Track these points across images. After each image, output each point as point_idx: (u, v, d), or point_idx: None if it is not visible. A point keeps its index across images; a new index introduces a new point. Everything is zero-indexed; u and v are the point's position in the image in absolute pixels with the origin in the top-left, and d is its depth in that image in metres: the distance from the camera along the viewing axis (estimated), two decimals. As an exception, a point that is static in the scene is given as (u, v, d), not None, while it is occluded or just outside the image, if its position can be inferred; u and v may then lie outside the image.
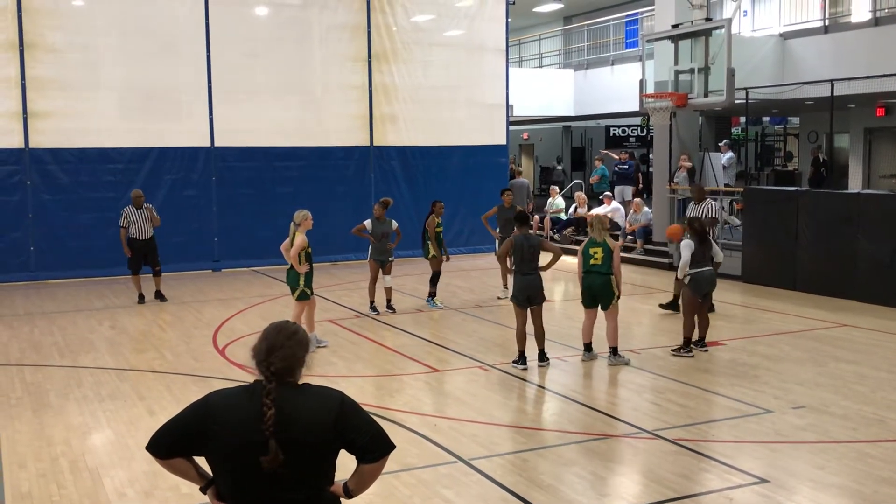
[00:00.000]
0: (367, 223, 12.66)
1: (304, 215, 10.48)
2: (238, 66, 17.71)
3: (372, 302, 12.97)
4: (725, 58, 15.43)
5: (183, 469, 3.35)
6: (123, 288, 14.15)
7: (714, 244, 10.57)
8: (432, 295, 13.53)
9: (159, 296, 14.08)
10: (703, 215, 12.55)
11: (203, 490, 3.38)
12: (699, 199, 13.08)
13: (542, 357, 9.77)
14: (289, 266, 10.60)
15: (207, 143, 17.60)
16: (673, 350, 10.24)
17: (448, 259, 13.58)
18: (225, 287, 15.77)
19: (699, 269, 10.09)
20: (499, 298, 13.93)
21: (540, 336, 9.73)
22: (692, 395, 8.75)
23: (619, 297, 9.78)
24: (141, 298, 13.94)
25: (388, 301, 13.06)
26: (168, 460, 3.31)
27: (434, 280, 13.49)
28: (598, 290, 9.72)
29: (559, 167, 26.70)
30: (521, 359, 9.69)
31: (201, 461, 3.32)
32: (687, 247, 10.09)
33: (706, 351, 10.24)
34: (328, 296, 14.19)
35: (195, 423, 3.23)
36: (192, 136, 17.49)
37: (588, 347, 10.05)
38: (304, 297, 10.48)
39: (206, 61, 17.38)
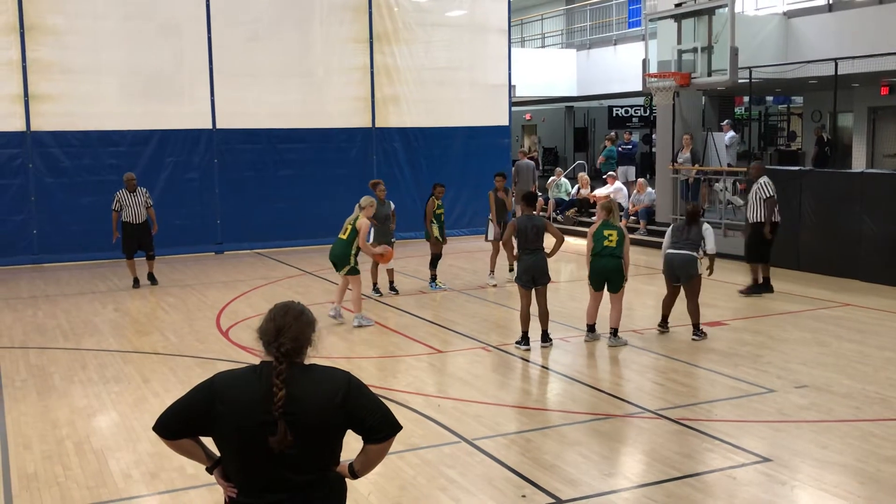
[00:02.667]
0: None
1: (370, 201, 11.07)
2: (239, 48, 17.68)
3: (374, 284, 12.98)
4: (729, 37, 15.34)
5: (190, 449, 3.36)
6: (125, 271, 14.18)
7: (704, 232, 10.02)
8: (434, 278, 13.51)
9: (151, 278, 14.06)
10: (757, 195, 12.47)
11: (209, 470, 3.40)
12: (755, 176, 12.80)
13: (545, 338, 9.78)
14: (339, 239, 10.92)
15: (209, 126, 17.59)
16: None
17: (445, 242, 13.52)
18: (228, 269, 15.79)
19: (668, 251, 10.15)
20: (492, 285, 13.77)
21: (544, 317, 9.73)
22: (695, 375, 8.77)
23: (625, 281, 9.80)
24: (135, 283, 13.91)
25: (391, 283, 13.07)
26: (175, 441, 3.32)
27: (434, 263, 13.47)
28: (611, 273, 9.71)
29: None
30: (524, 339, 9.70)
31: (208, 442, 3.34)
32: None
33: (702, 338, 10.00)
34: (332, 278, 14.17)
35: (202, 403, 3.24)
36: (193, 118, 17.48)
37: (591, 328, 10.05)
38: (356, 272, 10.84)
39: (207, 44, 17.35)
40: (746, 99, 23.06)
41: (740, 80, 16.23)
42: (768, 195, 12.48)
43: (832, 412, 7.49)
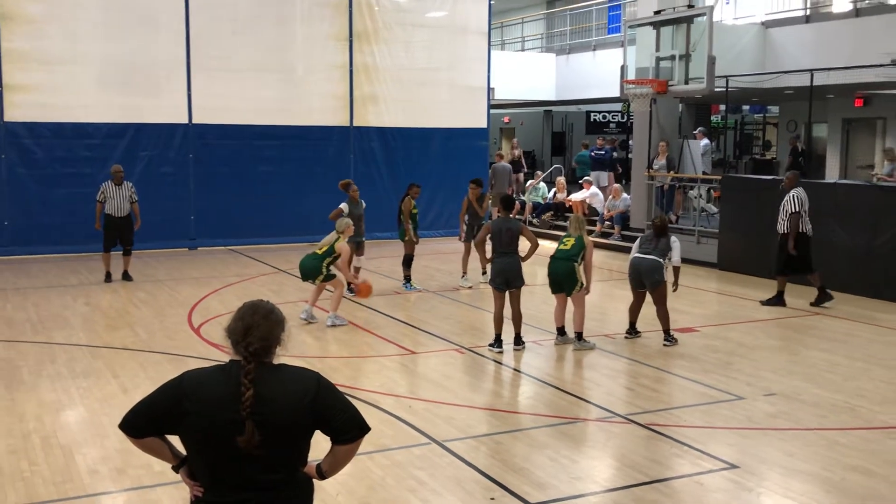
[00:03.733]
0: (344, 206, 12.56)
1: (346, 223, 11.04)
2: (218, 42, 17.56)
3: (349, 283, 12.91)
4: (706, 45, 15.46)
5: (156, 448, 3.34)
6: (98, 265, 14.05)
7: (672, 244, 9.99)
8: (408, 279, 13.50)
9: (126, 276, 13.92)
10: (784, 207, 12.28)
11: (175, 469, 3.37)
12: (789, 186, 12.46)
13: (518, 341, 9.80)
14: (311, 254, 10.95)
15: (185, 120, 17.46)
16: None
17: (418, 241, 13.50)
18: (201, 266, 15.69)
19: (635, 256, 10.21)
20: (466, 287, 13.76)
21: (517, 320, 9.76)
22: (665, 381, 8.82)
23: (585, 289, 9.80)
24: (108, 277, 13.78)
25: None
26: (141, 439, 3.29)
27: (407, 263, 13.45)
28: (562, 277, 9.76)
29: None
30: (497, 342, 9.72)
31: (175, 440, 3.31)
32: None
33: (673, 343, 10.07)
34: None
35: (169, 402, 3.21)
36: (170, 112, 17.35)
37: (560, 331, 10.10)
38: (332, 276, 10.92)
39: (185, 37, 17.22)
40: (723, 107, 23.23)
41: (717, 89, 16.35)
42: (794, 210, 12.24)
43: (800, 420, 7.56)
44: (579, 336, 9.89)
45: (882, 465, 6.51)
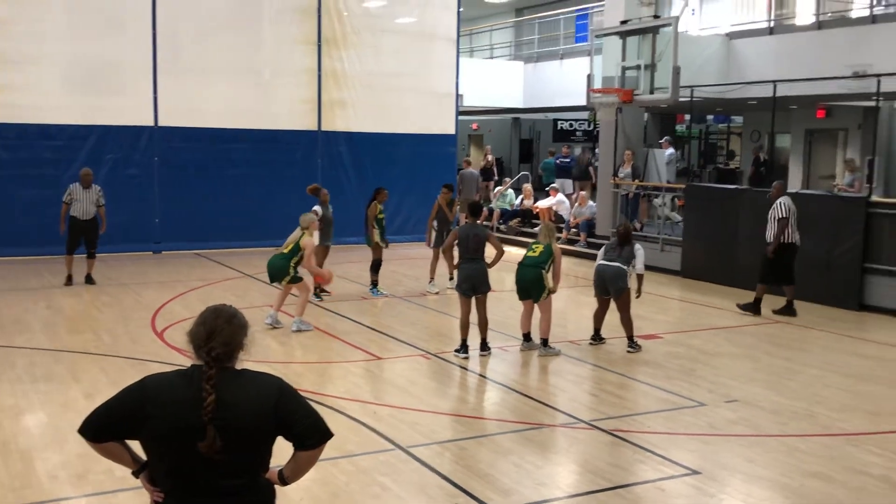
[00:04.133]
0: (318, 209, 12.56)
1: (311, 219, 10.97)
2: (185, 44, 17.48)
3: (317, 287, 12.87)
4: (672, 55, 15.62)
5: (116, 453, 3.31)
6: (61, 267, 13.89)
7: (636, 252, 10.10)
8: (375, 283, 13.49)
9: (89, 279, 13.77)
10: (772, 214, 12.45)
11: (135, 474, 3.35)
12: (776, 196, 12.68)
13: (484, 347, 9.84)
14: (278, 254, 10.89)
15: (151, 123, 17.33)
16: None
17: (387, 246, 13.49)
18: (166, 270, 15.56)
19: (600, 263, 10.30)
20: (433, 293, 13.78)
21: (483, 326, 9.79)
22: (629, 387, 8.89)
23: (552, 292, 9.87)
24: (69, 280, 13.62)
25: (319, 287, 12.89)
26: (101, 443, 3.26)
27: (375, 268, 13.44)
28: (530, 283, 9.82)
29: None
30: (463, 348, 9.74)
31: (135, 445, 3.29)
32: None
33: (636, 350, 10.17)
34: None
35: (130, 406, 3.19)
36: (135, 114, 17.20)
37: (526, 337, 10.15)
38: (299, 279, 10.82)
39: (151, 39, 17.09)
40: (688, 117, 23.46)
41: (682, 99, 16.51)
42: (782, 216, 12.40)
43: (760, 427, 7.65)
44: (545, 342, 9.94)
45: (841, 471, 6.62)
